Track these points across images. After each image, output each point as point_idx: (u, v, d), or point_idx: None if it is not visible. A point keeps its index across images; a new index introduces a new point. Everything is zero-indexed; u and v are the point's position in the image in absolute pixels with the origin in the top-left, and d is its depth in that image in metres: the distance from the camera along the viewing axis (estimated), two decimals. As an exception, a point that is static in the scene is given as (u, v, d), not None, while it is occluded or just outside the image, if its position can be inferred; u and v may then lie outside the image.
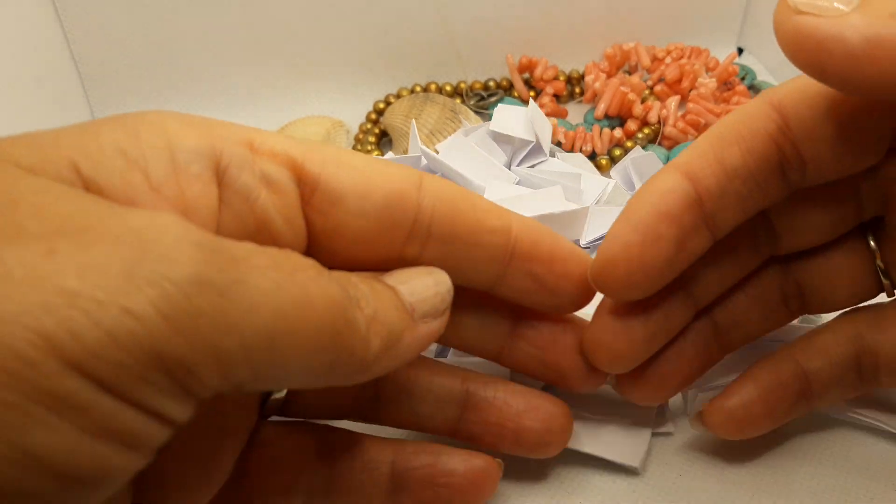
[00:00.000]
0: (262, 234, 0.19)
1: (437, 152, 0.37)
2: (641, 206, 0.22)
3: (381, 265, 0.21)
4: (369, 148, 0.45)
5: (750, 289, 0.26)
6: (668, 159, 0.44)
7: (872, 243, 0.25)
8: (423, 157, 0.34)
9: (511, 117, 0.37)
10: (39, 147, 0.16)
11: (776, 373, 0.26)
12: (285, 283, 0.16)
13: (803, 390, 0.26)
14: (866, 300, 0.26)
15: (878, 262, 0.25)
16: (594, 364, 0.25)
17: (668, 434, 0.30)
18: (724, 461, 0.30)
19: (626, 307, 0.24)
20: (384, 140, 0.47)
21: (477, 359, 0.27)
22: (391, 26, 0.48)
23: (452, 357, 0.30)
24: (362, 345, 0.18)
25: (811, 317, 0.32)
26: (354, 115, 0.48)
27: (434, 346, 0.30)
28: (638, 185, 0.39)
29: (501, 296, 0.24)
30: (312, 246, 0.21)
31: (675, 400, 0.32)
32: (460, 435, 0.26)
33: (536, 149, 0.38)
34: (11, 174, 0.15)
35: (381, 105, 0.48)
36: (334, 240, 0.21)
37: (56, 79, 0.44)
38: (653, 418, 0.30)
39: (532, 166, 0.37)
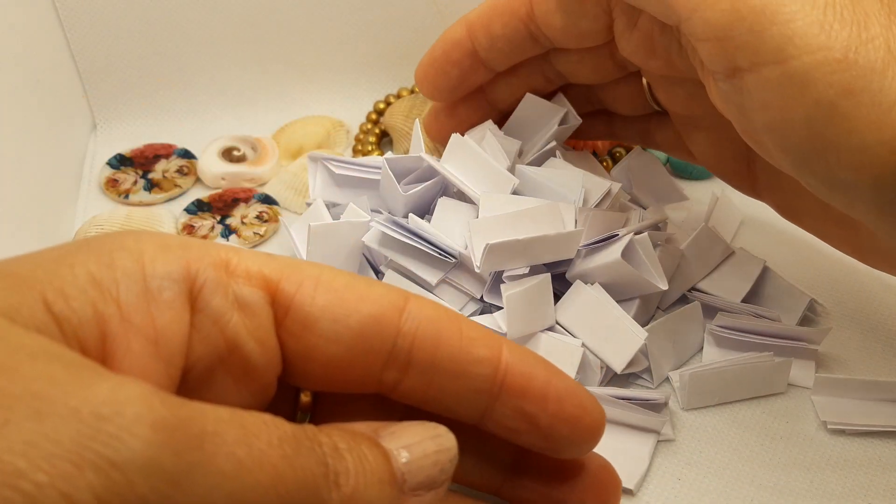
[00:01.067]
0: (233, 356, 0.19)
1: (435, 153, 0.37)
2: (438, 47, 0.34)
3: (359, 388, 0.21)
4: (370, 148, 0.45)
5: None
6: (668, 160, 0.44)
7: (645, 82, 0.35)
8: (423, 159, 0.34)
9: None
10: (15, 286, 0.16)
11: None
12: (252, 463, 0.15)
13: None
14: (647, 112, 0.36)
15: (648, 96, 0.35)
16: (424, 92, 0.35)
17: (668, 440, 0.30)
18: (723, 465, 0.30)
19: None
20: (384, 140, 0.47)
21: None
22: (391, 26, 0.48)
23: None
24: None
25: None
26: (354, 115, 0.48)
27: None
28: (637, 186, 0.39)
29: (490, 431, 0.22)
30: (288, 367, 0.20)
31: (675, 403, 0.32)
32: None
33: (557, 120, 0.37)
34: None
35: (382, 105, 0.48)
36: (308, 363, 0.20)
37: (56, 79, 0.44)
38: (654, 445, 0.30)
39: (540, 164, 0.37)
